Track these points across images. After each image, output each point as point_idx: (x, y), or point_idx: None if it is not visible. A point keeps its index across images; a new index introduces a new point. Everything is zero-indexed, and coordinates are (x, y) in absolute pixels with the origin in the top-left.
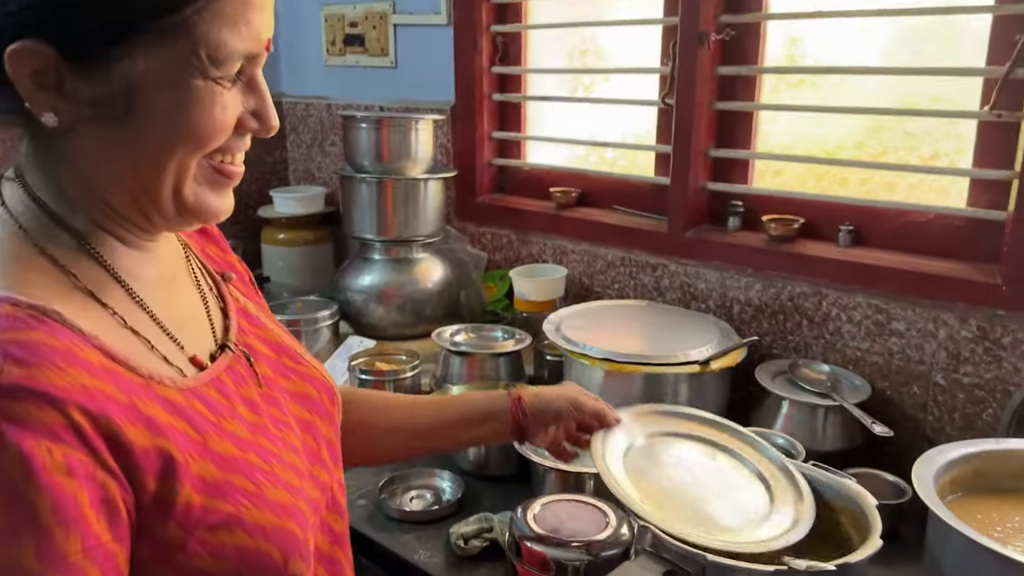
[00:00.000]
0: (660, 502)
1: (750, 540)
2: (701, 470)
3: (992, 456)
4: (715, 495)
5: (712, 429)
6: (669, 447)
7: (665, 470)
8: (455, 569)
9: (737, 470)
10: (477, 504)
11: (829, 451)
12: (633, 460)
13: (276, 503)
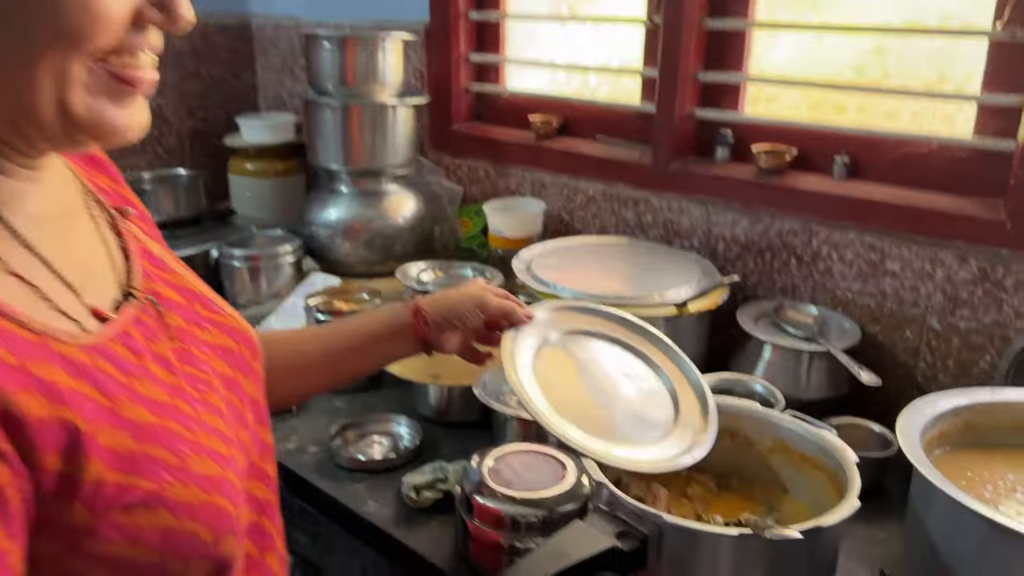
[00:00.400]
0: (565, 405)
1: (641, 458)
2: (613, 375)
3: (986, 408)
4: (622, 404)
5: (634, 334)
6: (584, 347)
7: (576, 372)
8: (405, 522)
9: (650, 381)
10: (436, 452)
11: (813, 399)
12: (545, 359)
13: (203, 476)
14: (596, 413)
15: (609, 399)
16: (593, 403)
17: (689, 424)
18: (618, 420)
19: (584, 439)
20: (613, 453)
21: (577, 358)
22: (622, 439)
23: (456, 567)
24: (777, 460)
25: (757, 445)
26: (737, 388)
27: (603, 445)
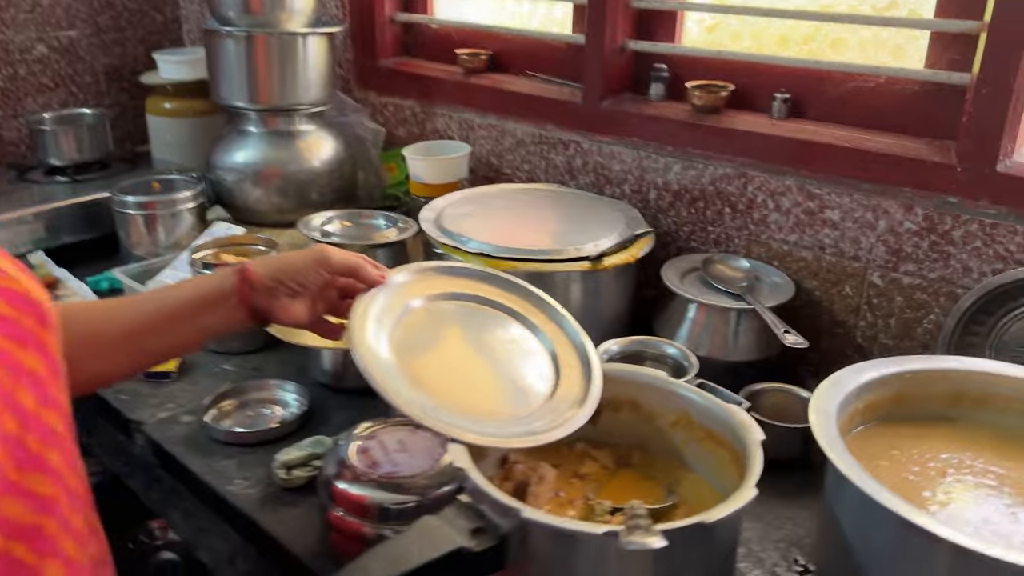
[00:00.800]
0: (425, 379)
1: (506, 434)
2: (485, 342)
3: (920, 377)
4: (493, 374)
5: (510, 294)
6: (453, 313)
7: (441, 341)
8: (270, 504)
9: (528, 347)
10: (325, 423)
11: (742, 361)
12: (406, 328)
13: None
14: (461, 386)
15: (478, 369)
16: (459, 375)
17: (569, 395)
18: (487, 392)
19: (439, 415)
20: (472, 430)
21: (443, 325)
22: (489, 414)
23: (318, 559)
24: (680, 435)
25: (660, 418)
26: (648, 351)
27: (464, 421)
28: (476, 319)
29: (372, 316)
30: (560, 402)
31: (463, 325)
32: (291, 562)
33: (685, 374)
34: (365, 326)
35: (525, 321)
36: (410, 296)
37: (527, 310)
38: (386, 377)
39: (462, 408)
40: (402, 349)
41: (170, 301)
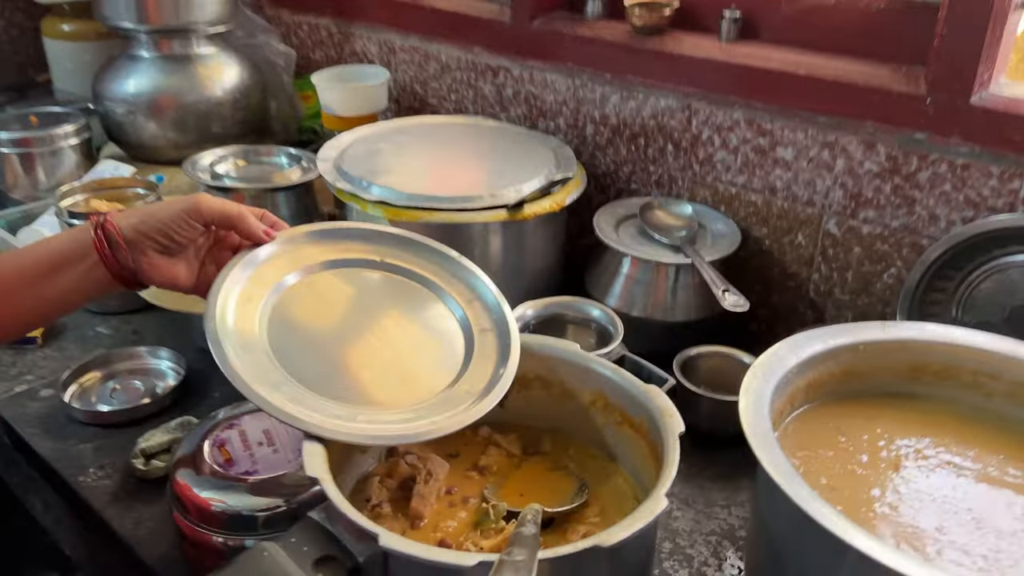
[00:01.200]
0: (303, 365)
1: (389, 427)
2: (380, 316)
3: (873, 350)
4: (389, 355)
5: (413, 255)
6: (340, 283)
7: (324, 318)
8: (125, 499)
9: (437, 318)
10: (203, 398)
11: (680, 322)
12: (289, 300)
13: None
14: (346, 370)
15: (370, 349)
16: (345, 356)
17: (482, 373)
18: (377, 376)
19: (302, 402)
20: (336, 422)
21: (328, 299)
22: (378, 402)
23: (172, 571)
24: (598, 417)
25: (575, 397)
26: (570, 315)
27: (338, 410)
28: (370, 288)
29: (236, 285)
30: (469, 384)
31: (353, 297)
32: (145, 571)
33: (611, 341)
34: (219, 296)
35: (431, 286)
36: (299, 262)
37: (434, 272)
38: (237, 355)
39: (341, 395)
40: (275, 327)
41: (28, 260)
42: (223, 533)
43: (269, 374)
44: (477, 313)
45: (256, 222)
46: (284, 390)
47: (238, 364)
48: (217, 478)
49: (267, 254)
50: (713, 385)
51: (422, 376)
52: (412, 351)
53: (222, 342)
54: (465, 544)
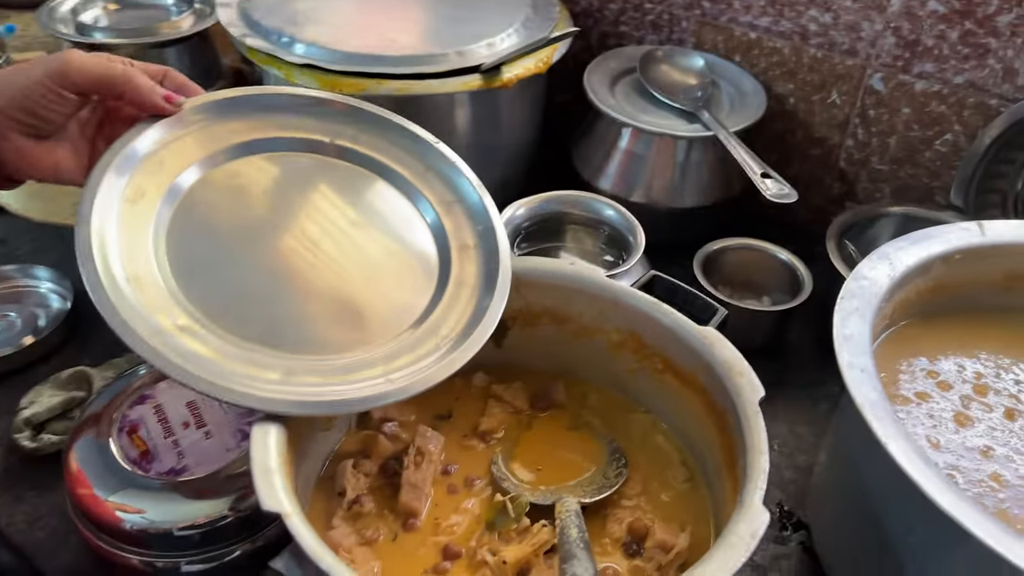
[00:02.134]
0: (228, 301)
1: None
2: (321, 221)
3: (968, 257)
4: (342, 278)
5: (378, 140)
6: (273, 174)
7: (254, 227)
8: (7, 486)
9: (395, 221)
10: (100, 338)
11: (691, 208)
12: (191, 206)
13: None
14: (284, 299)
15: (316, 270)
16: (284, 280)
17: (463, 305)
18: (322, 308)
19: (229, 360)
20: (287, 388)
21: (262, 195)
22: (327, 346)
23: None
24: (630, 361)
25: (596, 336)
26: (574, 214)
27: (281, 362)
28: (312, 184)
29: (119, 179)
30: (444, 316)
31: (289, 196)
32: None
33: (628, 251)
34: (94, 200)
35: (397, 181)
36: (197, 151)
37: (401, 162)
38: (124, 291)
39: (276, 340)
40: (178, 243)
41: None
42: (147, 554)
43: (172, 317)
44: (456, 221)
45: (149, 84)
46: (195, 340)
47: (126, 306)
48: (127, 481)
49: (165, 133)
50: (734, 284)
51: (382, 309)
52: (370, 273)
53: (100, 273)
54: (480, 553)
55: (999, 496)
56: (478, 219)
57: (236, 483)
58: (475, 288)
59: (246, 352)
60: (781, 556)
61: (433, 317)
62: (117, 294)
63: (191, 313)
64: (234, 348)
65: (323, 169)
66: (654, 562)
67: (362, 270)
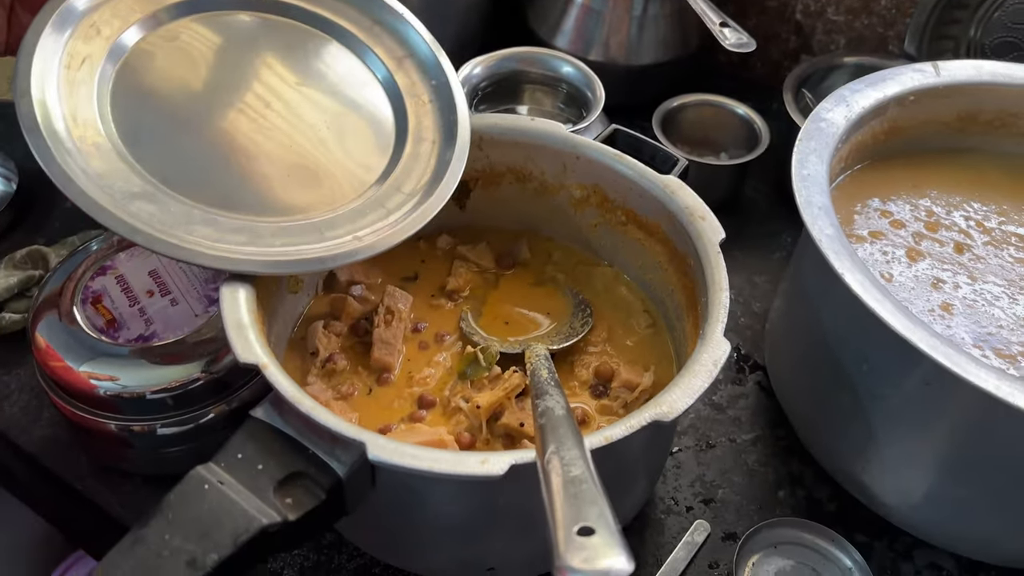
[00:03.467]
0: (181, 165)
1: (310, 240)
2: (270, 80)
3: (922, 98)
4: (296, 138)
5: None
6: (214, 34)
7: (200, 89)
8: None
9: (346, 79)
10: (49, 213)
11: (649, 65)
12: (132, 71)
13: None
14: (239, 162)
15: (269, 131)
16: (236, 142)
17: (422, 163)
18: (279, 170)
19: (194, 226)
20: (253, 248)
21: (205, 55)
22: (287, 207)
23: (62, 459)
24: (592, 216)
25: (560, 192)
26: (532, 72)
27: (242, 224)
28: (256, 43)
29: (55, 45)
30: (406, 172)
31: (234, 56)
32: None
33: (587, 108)
34: (31, 68)
35: (344, 37)
36: (134, 10)
37: (346, 17)
38: (76, 160)
39: (234, 203)
40: (124, 109)
41: None
42: (122, 419)
43: (128, 183)
44: (409, 76)
45: None
46: (155, 206)
47: (81, 176)
48: (95, 350)
49: None
50: (692, 142)
51: (341, 168)
52: (325, 133)
53: (49, 144)
54: (454, 401)
55: (947, 324)
56: (432, 73)
57: (207, 347)
58: (435, 143)
59: (209, 215)
60: (739, 395)
61: (395, 174)
62: (70, 165)
63: (147, 179)
64: (197, 212)
65: (267, 28)
66: (620, 400)
67: (316, 131)
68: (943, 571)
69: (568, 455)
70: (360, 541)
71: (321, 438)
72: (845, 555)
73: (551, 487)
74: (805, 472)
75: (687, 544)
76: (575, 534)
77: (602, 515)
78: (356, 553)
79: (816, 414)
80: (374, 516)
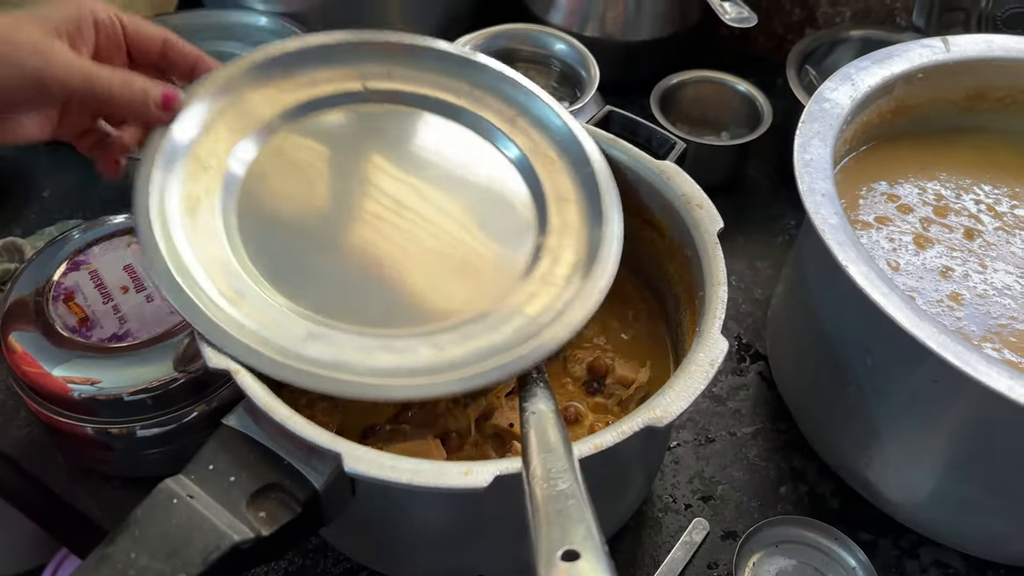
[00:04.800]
0: (323, 287)
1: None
2: (403, 178)
3: (931, 75)
4: (432, 233)
5: (412, 71)
6: (322, 138)
7: (322, 200)
8: None
9: (473, 155)
10: (31, 203)
11: (648, 41)
12: (251, 195)
13: None
14: (383, 271)
15: (402, 232)
16: (373, 252)
17: (572, 232)
18: (427, 269)
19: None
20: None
21: (319, 162)
22: (442, 312)
23: (38, 456)
24: None
25: None
26: (523, 50)
27: (407, 342)
28: (367, 137)
29: (171, 185)
30: (558, 254)
31: (346, 157)
32: (7, 466)
33: (583, 87)
34: (150, 214)
35: (435, 106)
36: (237, 131)
37: (445, 88)
38: (220, 304)
39: (390, 318)
40: (254, 238)
41: None
42: (99, 422)
43: (292, 326)
44: (528, 136)
45: (139, 96)
46: (329, 346)
47: (239, 330)
48: (67, 349)
49: (191, 131)
50: (691, 121)
51: (485, 257)
52: (463, 219)
53: (199, 304)
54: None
55: (957, 315)
56: (550, 127)
57: (183, 344)
58: (577, 201)
59: (384, 340)
60: (740, 387)
61: (545, 254)
62: (230, 324)
63: (309, 316)
64: (369, 339)
65: (368, 119)
66: (615, 397)
67: (453, 218)
68: (950, 569)
69: (555, 466)
70: (344, 547)
71: (297, 448)
72: (849, 554)
73: (535, 502)
74: (808, 468)
75: (685, 544)
76: (559, 558)
77: (589, 536)
78: (342, 557)
79: (818, 408)
80: (356, 524)
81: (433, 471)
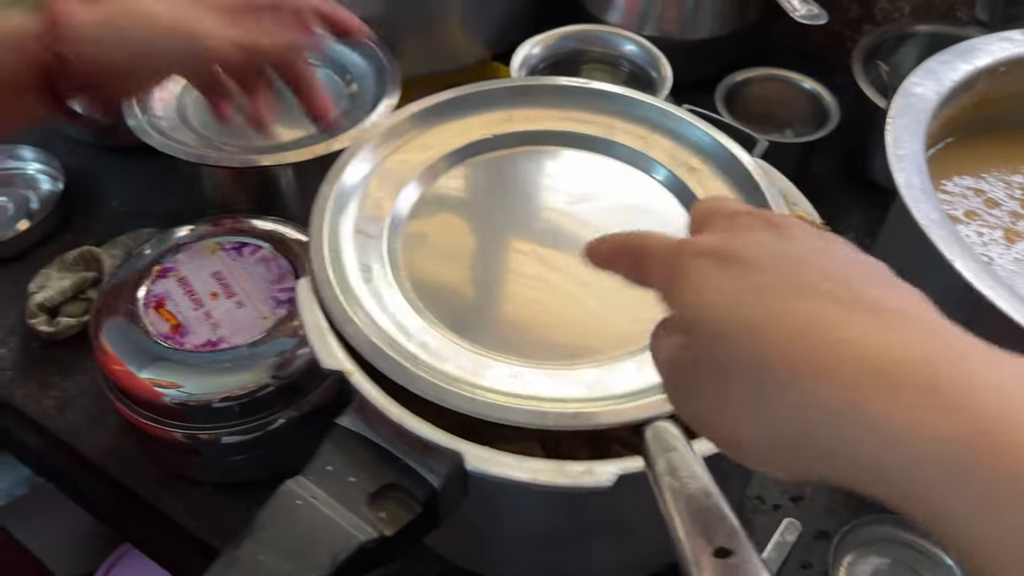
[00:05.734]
0: (515, 335)
1: None
2: (565, 215)
3: (1015, 68)
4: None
5: (555, 110)
6: (481, 182)
7: (488, 245)
8: (30, 373)
9: (625, 183)
10: (96, 212)
11: (707, 39)
12: (416, 242)
13: None
14: (562, 311)
15: (573, 266)
16: (546, 293)
17: None
18: (604, 307)
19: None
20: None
21: (481, 206)
22: (598, 352)
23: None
24: None
25: None
26: (592, 51)
27: (589, 371)
28: (525, 179)
29: (346, 242)
30: None
31: (507, 199)
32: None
33: (654, 88)
34: (327, 270)
35: (596, 145)
36: (403, 177)
37: (590, 122)
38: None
39: (574, 351)
40: (425, 288)
41: None
42: (189, 427)
43: (485, 369)
44: (662, 147)
45: None
46: (521, 383)
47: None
48: (160, 355)
49: (368, 171)
50: (754, 119)
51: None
52: None
53: (405, 363)
54: None
55: None
56: (691, 139)
57: (275, 351)
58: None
59: (558, 370)
60: None
61: None
62: (418, 365)
63: (502, 360)
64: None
65: (529, 159)
66: None
67: None
68: None
69: (683, 465)
70: (442, 548)
71: (413, 448)
72: (945, 552)
73: (671, 502)
74: None
75: (779, 544)
76: (711, 556)
77: (735, 533)
78: (439, 559)
79: None
80: (460, 523)
81: (552, 470)
